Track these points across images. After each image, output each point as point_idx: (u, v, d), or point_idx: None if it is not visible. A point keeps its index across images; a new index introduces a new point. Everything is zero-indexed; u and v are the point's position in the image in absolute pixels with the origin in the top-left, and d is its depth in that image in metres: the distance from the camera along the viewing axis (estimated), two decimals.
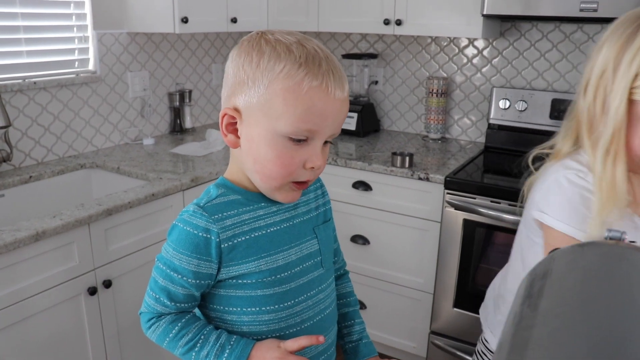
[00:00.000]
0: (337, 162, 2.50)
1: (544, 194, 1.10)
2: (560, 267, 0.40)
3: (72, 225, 1.74)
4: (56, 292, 1.76)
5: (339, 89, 0.87)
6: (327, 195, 1.12)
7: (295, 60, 0.85)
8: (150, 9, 2.49)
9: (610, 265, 0.37)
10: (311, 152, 0.89)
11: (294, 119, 0.85)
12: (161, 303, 0.96)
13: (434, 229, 2.36)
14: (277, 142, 0.87)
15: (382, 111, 3.17)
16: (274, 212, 0.98)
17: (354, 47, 3.16)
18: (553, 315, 0.32)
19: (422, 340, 2.54)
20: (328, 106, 0.86)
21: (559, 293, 0.35)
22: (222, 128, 0.93)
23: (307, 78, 0.84)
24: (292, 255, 0.98)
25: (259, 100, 0.87)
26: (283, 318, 0.97)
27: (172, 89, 2.92)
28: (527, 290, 0.40)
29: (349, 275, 1.22)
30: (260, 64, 0.86)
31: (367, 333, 1.17)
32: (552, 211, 1.06)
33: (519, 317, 0.36)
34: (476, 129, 2.93)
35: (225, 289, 0.96)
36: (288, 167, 0.89)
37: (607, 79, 0.98)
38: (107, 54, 2.55)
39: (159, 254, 0.97)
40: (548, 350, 0.30)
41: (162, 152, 2.57)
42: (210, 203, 0.93)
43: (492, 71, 2.82)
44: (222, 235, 0.91)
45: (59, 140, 2.40)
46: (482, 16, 2.37)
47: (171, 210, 2.11)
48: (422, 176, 2.31)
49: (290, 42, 0.87)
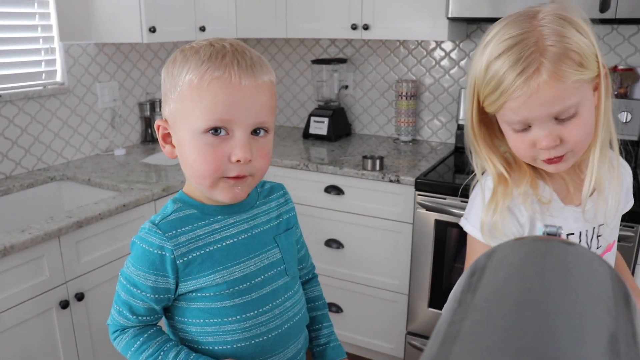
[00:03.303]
0: (309, 167, 2.51)
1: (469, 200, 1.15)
2: (493, 262, 0.42)
3: (41, 238, 1.73)
4: (27, 307, 1.74)
5: (246, 76, 0.88)
6: (291, 202, 1.13)
7: (200, 59, 0.88)
8: (117, 19, 2.48)
9: (536, 260, 0.39)
10: (234, 145, 0.89)
11: (202, 112, 0.87)
12: (124, 316, 0.98)
13: (406, 230, 2.38)
14: (198, 140, 0.89)
15: (353, 115, 3.19)
16: (231, 224, 0.99)
17: (324, 53, 3.18)
18: (477, 310, 0.33)
19: (399, 341, 2.56)
20: (234, 94, 0.87)
21: (486, 288, 0.37)
22: (160, 141, 0.96)
23: (209, 72, 0.87)
24: (250, 266, 0.99)
25: (175, 105, 0.90)
26: (247, 328, 0.99)
27: (143, 99, 2.92)
28: (462, 286, 0.42)
29: (317, 279, 1.23)
30: (173, 72, 0.90)
31: (335, 336, 1.18)
32: (468, 216, 1.11)
33: (452, 311, 0.38)
34: (446, 130, 2.96)
35: (187, 301, 0.98)
36: (213, 163, 0.90)
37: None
38: (75, 65, 2.53)
39: (122, 269, 0.99)
40: (469, 343, 0.31)
41: (133, 162, 2.56)
42: (165, 220, 0.95)
43: (460, 73, 2.86)
44: (176, 252, 0.93)
45: (27, 154, 2.38)
46: (447, 19, 2.40)
47: (143, 220, 2.09)
48: (392, 178, 2.33)
49: (200, 45, 0.90)
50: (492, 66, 0.94)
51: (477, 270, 0.40)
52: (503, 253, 0.42)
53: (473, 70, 0.99)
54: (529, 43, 0.90)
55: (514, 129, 0.98)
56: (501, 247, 0.45)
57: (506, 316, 0.31)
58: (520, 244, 0.43)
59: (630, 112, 2.41)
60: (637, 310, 0.40)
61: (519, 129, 0.97)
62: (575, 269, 0.40)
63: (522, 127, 0.97)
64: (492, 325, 0.31)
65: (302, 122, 3.34)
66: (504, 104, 0.94)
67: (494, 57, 0.94)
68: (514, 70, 0.91)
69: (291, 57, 3.30)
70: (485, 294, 0.36)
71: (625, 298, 0.39)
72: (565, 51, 0.90)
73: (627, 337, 0.35)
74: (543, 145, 0.95)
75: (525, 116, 0.94)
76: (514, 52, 0.91)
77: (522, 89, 0.91)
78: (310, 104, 3.30)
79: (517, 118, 0.95)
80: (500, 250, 0.43)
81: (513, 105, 0.93)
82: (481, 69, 0.96)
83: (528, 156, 1.00)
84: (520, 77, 0.90)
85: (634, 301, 0.40)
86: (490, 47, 0.95)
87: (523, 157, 1.02)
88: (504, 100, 0.94)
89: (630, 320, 0.37)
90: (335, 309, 2.65)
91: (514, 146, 1.01)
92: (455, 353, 0.32)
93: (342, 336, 2.63)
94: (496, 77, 0.93)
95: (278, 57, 3.33)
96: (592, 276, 0.40)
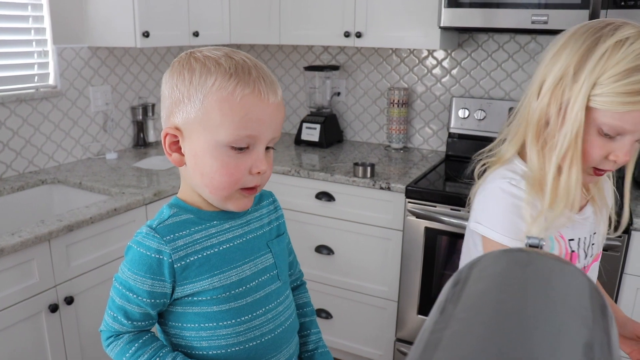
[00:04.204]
0: (300, 173, 2.52)
1: (480, 204, 1.12)
2: (475, 273, 0.43)
3: (31, 242, 1.73)
4: (16, 311, 1.74)
5: (272, 93, 0.91)
6: (280, 209, 1.14)
7: (226, 72, 0.89)
8: (111, 23, 2.49)
9: (516, 271, 0.40)
10: (254, 158, 0.93)
11: (232, 128, 0.89)
12: (119, 322, 0.98)
13: (396, 237, 2.40)
14: (220, 152, 0.91)
15: (344, 122, 3.21)
16: (227, 229, 1.01)
17: (316, 59, 3.20)
18: (457, 320, 0.35)
19: (388, 347, 2.57)
20: (263, 111, 0.90)
21: (467, 298, 0.38)
22: (165, 148, 0.96)
23: (239, 87, 0.88)
24: (246, 270, 1.00)
25: (197, 115, 0.90)
26: (241, 332, 0.99)
27: (135, 103, 2.92)
28: (446, 295, 0.43)
29: (306, 286, 1.24)
30: (192, 80, 0.90)
31: (323, 342, 1.19)
32: (487, 221, 1.09)
33: (434, 319, 0.39)
34: (437, 138, 2.98)
35: (182, 306, 0.98)
36: (234, 175, 0.92)
37: (566, 85, 1.00)
38: (68, 68, 2.53)
39: (116, 274, 0.99)
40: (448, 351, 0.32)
41: (125, 166, 2.56)
42: (163, 224, 0.96)
43: (451, 81, 2.88)
44: (174, 256, 0.94)
45: (18, 156, 2.38)
46: (439, 28, 2.42)
47: (134, 225, 2.10)
48: (383, 186, 2.35)
49: (218, 56, 0.91)
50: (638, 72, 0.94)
51: (460, 281, 0.41)
52: (485, 264, 0.43)
53: (599, 65, 0.97)
54: None
55: (604, 132, 0.99)
56: (484, 257, 0.46)
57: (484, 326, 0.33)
58: (502, 255, 0.44)
59: None
60: (614, 321, 0.41)
61: (611, 135, 0.99)
62: (554, 280, 0.41)
63: (614, 134, 0.98)
64: (471, 334, 0.33)
65: (294, 129, 3.35)
66: (630, 111, 0.95)
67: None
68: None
69: (284, 64, 3.31)
70: (465, 304, 0.37)
71: (602, 309, 0.41)
72: None
73: (602, 346, 0.36)
74: (620, 158, 0.98)
75: (630, 129, 0.96)
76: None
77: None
78: (302, 111, 3.31)
79: (623, 126, 0.96)
80: (482, 261, 0.44)
81: (635, 116, 0.95)
82: (620, 68, 0.95)
83: (595, 161, 1.02)
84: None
85: (610, 312, 0.41)
86: (631, 49, 0.95)
87: (591, 159, 1.02)
88: (633, 109, 0.94)
89: (606, 331, 0.38)
90: (325, 315, 2.66)
91: (588, 147, 1.01)
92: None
93: (332, 342, 2.64)
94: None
95: (271, 63, 3.34)
96: (570, 287, 0.41)
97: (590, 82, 0.97)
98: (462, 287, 0.40)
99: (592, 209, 1.12)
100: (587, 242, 1.11)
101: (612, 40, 0.96)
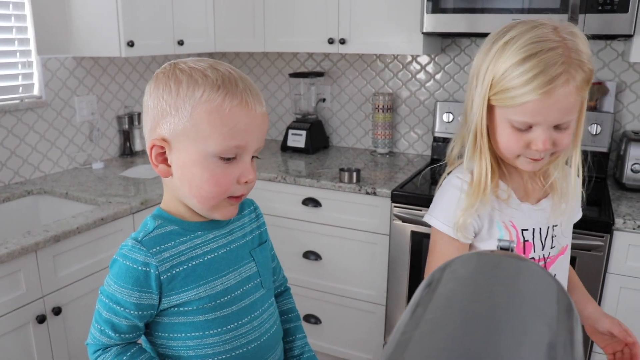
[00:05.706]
0: (287, 179, 2.54)
1: (434, 199, 1.21)
2: (446, 275, 0.45)
3: (17, 253, 1.72)
4: (3, 322, 1.73)
5: (258, 104, 0.93)
6: (262, 217, 1.16)
7: (214, 84, 0.90)
8: (95, 33, 2.49)
9: (485, 273, 0.42)
10: (242, 167, 0.95)
11: (221, 138, 0.90)
12: (106, 335, 0.98)
13: (383, 242, 2.41)
14: (209, 162, 0.92)
15: (330, 128, 3.23)
16: (211, 239, 1.02)
17: (301, 66, 3.22)
18: (426, 321, 0.36)
19: (377, 351, 2.58)
20: (251, 121, 0.92)
21: (437, 300, 0.40)
22: (152, 160, 0.96)
23: (227, 98, 0.90)
24: (230, 279, 1.02)
25: (185, 127, 0.91)
26: (227, 341, 1.00)
27: (121, 112, 2.92)
28: (418, 297, 0.45)
29: (290, 292, 1.26)
30: (179, 91, 0.91)
31: (309, 347, 1.20)
32: (433, 211, 1.18)
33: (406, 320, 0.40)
34: (422, 143, 3.01)
35: (169, 316, 0.99)
36: (223, 185, 0.94)
37: (472, 87, 1.09)
38: (53, 78, 2.53)
39: (102, 287, 0.99)
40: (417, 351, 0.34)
41: (112, 175, 2.56)
42: (148, 237, 0.96)
43: (435, 86, 2.91)
44: (160, 268, 0.94)
45: (4, 167, 2.37)
46: (422, 34, 2.45)
47: (121, 234, 2.10)
48: (369, 191, 2.37)
49: (203, 67, 0.92)
50: (520, 66, 0.98)
51: (432, 282, 0.43)
52: (456, 266, 0.45)
53: (491, 65, 1.03)
54: (558, 53, 0.96)
55: (516, 127, 1.03)
56: (455, 260, 0.48)
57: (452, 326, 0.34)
58: (472, 257, 0.46)
59: (600, 124, 2.48)
60: (579, 322, 0.43)
61: (522, 129, 1.03)
62: (521, 282, 0.43)
63: (526, 127, 1.02)
64: (439, 334, 0.34)
65: (280, 135, 3.37)
66: (523, 103, 0.99)
67: (521, 57, 0.98)
68: (544, 75, 0.96)
69: (269, 71, 3.33)
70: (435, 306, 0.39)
71: (568, 310, 0.42)
72: (584, 66, 0.98)
73: (565, 345, 0.38)
74: (540, 148, 1.02)
75: (537, 120, 1.00)
76: (545, 59, 0.96)
77: (548, 95, 0.96)
78: (288, 117, 3.33)
79: (528, 119, 1.01)
80: (453, 264, 0.46)
81: (531, 107, 0.99)
82: (505, 66, 1.00)
83: (516, 153, 1.06)
84: (550, 84, 0.96)
85: (576, 313, 0.43)
86: (514, 47, 0.99)
87: (511, 153, 1.07)
88: (524, 100, 0.98)
89: (570, 331, 0.40)
90: (314, 320, 2.67)
91: (506, 142, 1.06)
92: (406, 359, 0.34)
93: (321, 347, 2.65)
94: (524, 77, 0.97)
95: (256, 70, 3.36)
96: (537, 289, 0.43)
97: (486, 83, 1.03)
98: (434, 289, 0.42)
99: (550, 202, 1.17)
100: (543, 234, 1.16)
101: (501, 42, 1.02)
